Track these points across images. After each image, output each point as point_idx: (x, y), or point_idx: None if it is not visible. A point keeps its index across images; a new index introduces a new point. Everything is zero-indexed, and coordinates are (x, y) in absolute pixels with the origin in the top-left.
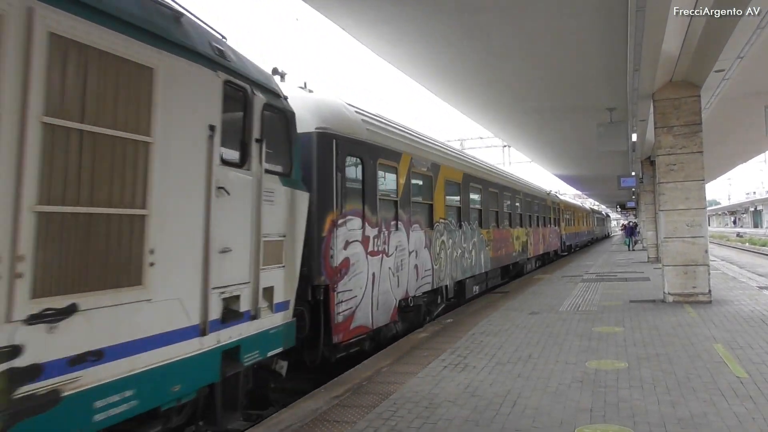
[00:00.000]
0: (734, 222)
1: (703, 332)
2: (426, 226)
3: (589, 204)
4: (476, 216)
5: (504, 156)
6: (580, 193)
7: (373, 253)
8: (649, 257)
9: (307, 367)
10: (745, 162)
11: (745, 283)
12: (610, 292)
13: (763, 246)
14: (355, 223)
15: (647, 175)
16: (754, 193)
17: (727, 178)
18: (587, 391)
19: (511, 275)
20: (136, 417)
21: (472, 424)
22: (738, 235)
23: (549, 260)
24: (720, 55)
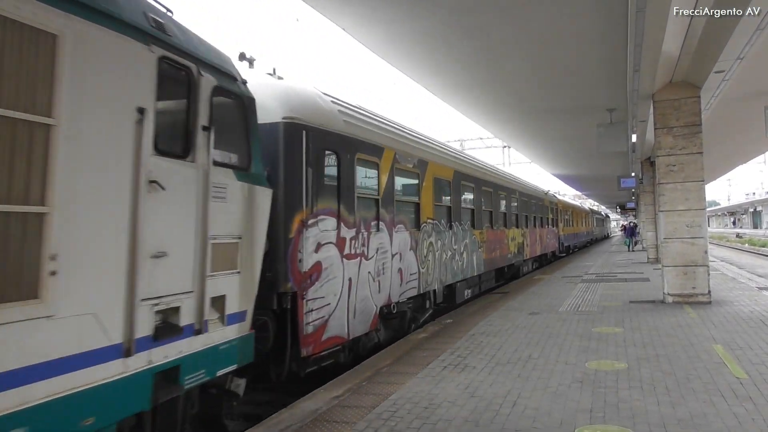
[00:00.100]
0: (734, 223)
1: (703, 333)
2: (412, 226)
3: (589, 204)
4: (468, 216)
5: (504, 156)
6: (580, 194)
7: (349, 257)
8: (648, 258)
9: (274, 384)
10: (745, 163)
11: (745, 283)
12: (610, 293)
13: (763, 247)
14: (328, 223)
15: (647, 176)
16: (754, 194)
17: (727, 178)
18: (587, 392)
19: (507, 278)
20: None
21: (472, 425)
22: (737, 235)
23: (546, 262)
24: (720, 56)
